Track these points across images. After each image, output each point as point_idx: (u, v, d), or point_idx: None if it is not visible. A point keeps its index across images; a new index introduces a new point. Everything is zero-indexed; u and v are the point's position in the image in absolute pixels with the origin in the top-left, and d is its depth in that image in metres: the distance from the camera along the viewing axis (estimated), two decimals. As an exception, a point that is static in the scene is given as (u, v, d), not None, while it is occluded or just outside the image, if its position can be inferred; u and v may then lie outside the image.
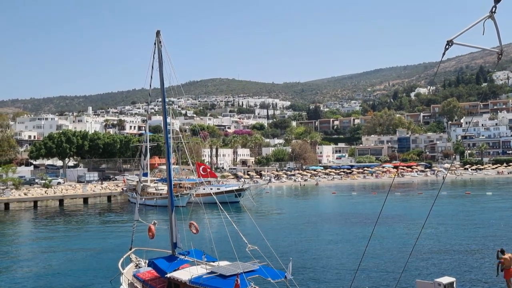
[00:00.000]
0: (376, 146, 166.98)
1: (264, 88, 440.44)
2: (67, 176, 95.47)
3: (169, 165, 23.61)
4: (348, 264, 28.51)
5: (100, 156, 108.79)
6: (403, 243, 34.93)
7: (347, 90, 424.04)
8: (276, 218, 54.63)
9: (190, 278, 17.25)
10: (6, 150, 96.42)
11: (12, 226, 54.96)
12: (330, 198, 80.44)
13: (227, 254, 23.02)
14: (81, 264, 31.68)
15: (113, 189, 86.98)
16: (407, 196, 77.99)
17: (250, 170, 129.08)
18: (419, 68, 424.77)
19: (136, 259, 24.16)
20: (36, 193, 78.28)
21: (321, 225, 47.69)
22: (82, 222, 55.66)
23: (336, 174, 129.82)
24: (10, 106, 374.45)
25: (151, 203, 66.47)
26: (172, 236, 22.15)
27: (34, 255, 35.89)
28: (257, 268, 17.65)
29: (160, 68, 21.93)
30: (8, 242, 44.58)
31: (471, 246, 34.23)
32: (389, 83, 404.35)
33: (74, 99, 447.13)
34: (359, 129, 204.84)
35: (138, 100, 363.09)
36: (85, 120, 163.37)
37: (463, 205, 63.77)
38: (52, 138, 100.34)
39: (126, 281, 21.22)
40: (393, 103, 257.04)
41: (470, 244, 35.06)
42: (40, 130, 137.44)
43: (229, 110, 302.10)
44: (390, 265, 28.43)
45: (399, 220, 48.69)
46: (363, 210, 57.97)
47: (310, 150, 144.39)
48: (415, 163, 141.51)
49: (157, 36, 21.85)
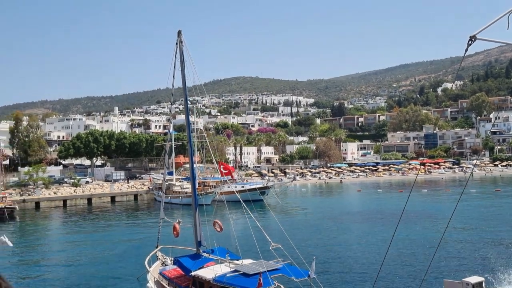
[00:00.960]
0: (402, 142, 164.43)
1: (287, 86, 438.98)
2: (94, 175, 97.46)
3: (192, 164, 23.90)
4: (372, 263, 28.28)
5: (126, 155, 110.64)
6: (429, 242, 34.42)
7: (372, 86, 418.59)
8: (300, 216, 54.56)
9: (214, 277, 17.46)
10: (36, 150, 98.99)
11: (43, 224, 56.54)
12: (355, 196, 79.75)
13: (251, 253, 23.16)
14: (108, 261, 32.37)
15: (139, 188, 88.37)
16: (434, 194, 76.68)
17: (274, 168, 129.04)
18: (446, 63, 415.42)
19: (162, 257, 24.57)
20: (65, 192, 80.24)
21: (345, 223, 47.39)
22: (109, 221, 56.79)
23: (361, 172, 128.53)
24: (40, 107, 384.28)
25: (176, 202, 67.22)
26: (197, 234, 22.43)
27: (63, 253, 36.88)
28: (281, 266, 17.72)
29: (181, 67, 22.19)
30: (39, 239, 45.92)
31: (500, 245, 33.48)
32: (415, 78, 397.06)
33: (101, 99, 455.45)
34: (384, 125, 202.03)
35: (163, 100, 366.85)
36: (112, 120, 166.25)
37: (493, 203, 62.30)
38: (80, 138, 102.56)
39: (152, 279, 21.61)
40: (419, 99, 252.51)
41: (499, 243, 34.29)
42: (69, 130, 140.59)
43: (252, 108, 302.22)
44: (416, 263, 28.08)
45: (425, 218, 47.97)
46: (389, 208, 57.29)
47: (335, 147, 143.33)
48: (442, 159, 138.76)
49: (178, 36, 22.11)
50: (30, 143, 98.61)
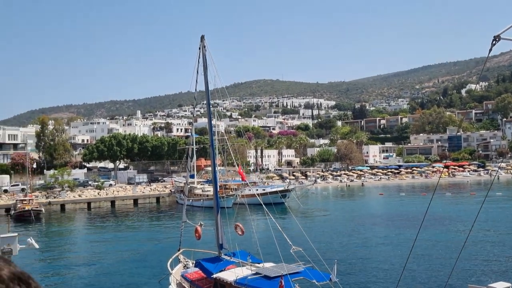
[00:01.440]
0: (425, 145, 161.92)
1: (308, 88, 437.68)
2: (118, 178, 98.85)
3: (214, 167, 24.08)
4: (394, 268, 27.97)
5: (148, 158, 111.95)
6: (452, 245, 33.84)
7: (394, 88, 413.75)
8: (321, 220, 54.29)
9: (236, 279, 17.56)
10: (61, 153, 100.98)
11: (68, 226, 57.68)
12: (377, 199, 78.90)
13: (272, 256, 23.19)
14: (131, 263, 32.82)
15: (161, 191, 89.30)
16: (458, 197, 75.29)
17: (295, 171, 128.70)
18: (470, 64, 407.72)
19: (184, 259, 24.80)
20: (89, 194, 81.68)
21: (367, 226, 46.95)
22: (132, 223, 57.56)
23: (383, 175, 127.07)
24: (65, 112, 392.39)
25: (198, 204, 67.68)
26: (218, 237, 22.58)
27: (87, 254, 37.55)
28: (302, 270, 17.71)
29: (204, 72, 22.40)
30: (64, 241, 46.86)
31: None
32: (438, 79, 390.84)
33: (123, 103, 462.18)
34: (407, 128, 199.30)
35: (185, 103, 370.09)
36: (134, 123, 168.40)
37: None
38: (103, 141, 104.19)
39: (174, 281, 21.85)
40: (442, 101, 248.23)
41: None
42: (93, 134, 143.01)
43: (273, 111, 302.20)
44: (439, 267, 27.65)
45: (449, 221, 47.17)
46: (412, 212, 56.49)
47: (356, 150, 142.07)
48: (467, 162, 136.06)
49: (201, 41, 22.34)
50: (55, 147, 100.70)
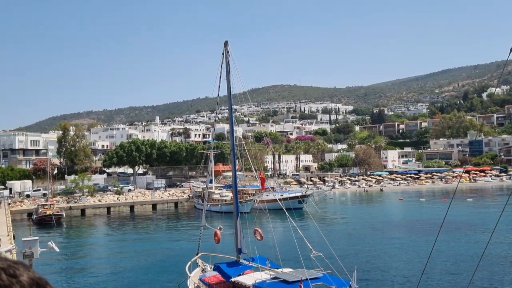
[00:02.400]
0: (446, 150, 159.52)
1: (326, 93, 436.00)
2: (137, 183, 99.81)
3: (234, 172, 24.13)
4: (414, 273, 27.56)
5: (167, 163, 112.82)
6: (472, 252, 33.21)
7: (413, 92, 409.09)
8: (340, 225, 53.87)
9: (254, 283, 17.52)
10: (82, 159, 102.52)
11: (88, 231, 58.41)
12: (397, 205, 77.96)
13: (291, 261, 23.10)
14: (150, 267, 33.05)
15: (179, 196, 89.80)
16: (480, 203, 73.92)
17: (313, 176, 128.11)
18: (491, 67, 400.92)
19: (202, 263, 24.88)
20: (109, 199, 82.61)
21: (387, 232, 46.41)
22: (151, 228, 57.99)
23: (403, 180, 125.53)
24: (85, 118, 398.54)
25: (216, 209, 67.84)
26: (237, 242, 22.60)
27: (107, 258, 37.95)
28: (321, 275, 17.59)
29: (227, 77, 22.47)
30: (84, 245, 47.47)
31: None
32: (458, 83, 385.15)
33: (142, 109, 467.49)
34: (426, 132, 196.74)
35: (202, 109, 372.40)
36: (153, 129, 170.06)
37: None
38: (123, 147, 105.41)
39: (193, 285, 21.93)
40: (463, 105, 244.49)
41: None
42: (112, 140, 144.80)
43: (291, 116, 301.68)
44: (458, 275, 27.16)
45: (470, 227, 46.34)
46: (432, 217, 55.62)
47: (375, 155, 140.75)
48: (488, 167, 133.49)
49: (225, 46, 22.39)
50: (76, 152, 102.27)
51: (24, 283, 1.06)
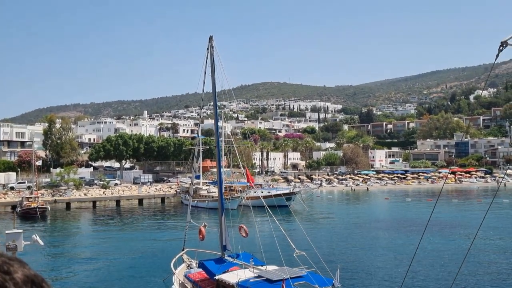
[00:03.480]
0: (432, 150, 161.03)
1: (315, 91, 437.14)
2: (123, 178, 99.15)
3: (219, 168, 24.07)
4: (397, 274, 27.80)
5: (154, 158, 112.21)
6: (456, 252, 33.60)
7: (402, 93, 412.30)
8: (326, 224, 54.12)
9: (238, 281, 17.53)
10: (68, 152, 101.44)
11: (73, 225, 57.93)
12: (383, 204, 78.57)
13: (275, 259, 23.13)
14: (135, 262, 32.89)
15: (166, 191, 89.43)
16: (465, 204, 74.81)
17: (300, 174, 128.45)
18: (478, 70, 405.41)
19: (188, 260, 24.82)
20: (95, 193, 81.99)
21: (372, 231, 46.75)
22: (137, 222, 57.70)
23: (389, 179, 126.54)
24: (72, 110, 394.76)
25: (203, 206, 67.71)
26: (222, 238, 22.58)
27: (91, 253, 37.68)
28: (305, 274, 17.64)
29: (212, 72, 22.39)
30: (69, 239, 47.07)
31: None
32: (446, 85, 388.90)
33: (131, 103, 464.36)
34: (414, 133, 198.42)
35: (191, 104, 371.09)
36: (141, 123, 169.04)
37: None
38: (110, 141, 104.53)
39: (177, 281, 21.88)
40: (450, 106, 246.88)
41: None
42: (99, 133, 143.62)
43: (280, 114, 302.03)
44: (442, 274, 27.46)
45: (454, 228, 46.87)
46: (417, 217, 56.18)
47: (362, 154, 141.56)
48: (474, 168, 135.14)
49: (209, 41, 22.29)
50: (62, 145, 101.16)
51: (17, 280, 1.03)
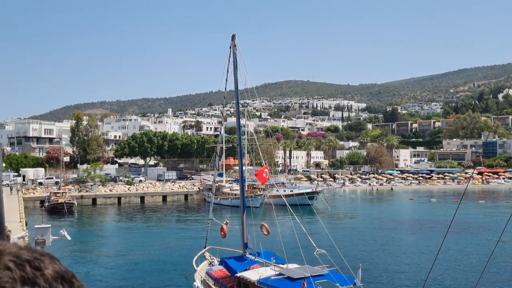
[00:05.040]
0: (459, 150, 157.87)
1: (339, 90, 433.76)
2: (147, 175, 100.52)
3: (241, 166, 24.25)
4: (420, 274, 27.49)
5: (178, 156, 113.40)
6: (480, 254, 32.95)
7: (427, 91, 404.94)
8: (348, 223, 53.81)
9: (259, 279, 17.67)
10: (94, 148, 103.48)
11: (99, 220, 59.14)
12: (407, 204, 77.57)
13: (296, 257, 23.19)
14: (159, 259, 33.42)
15: (189, 188, 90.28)
16: (492, 205, 73.23)
17: (323, 173, 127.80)
18: (507, 68, 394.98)
19: (210, 257, 25.09)
20: (120, 189, 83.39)
21: (395, 232, 46.26)
22: (161, 219, 58.50)
23: (414, 179, 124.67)
24: (99, 108, 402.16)
25: (226, 203, 68.16)
26: (244, 236, 22.76)
27: (116, 248, 38.45)
28: (326, 273, 17.65)
29: (234, 71, 22.52)
30: (94, 234, 48.10)
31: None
32: (474, 84, 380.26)
33: (155, 101, 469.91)
34: (439, 132, 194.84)
35: (215, 102, 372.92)
36: (165, 121, 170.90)
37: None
38: (135, 138, 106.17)
39: (199, 278, 22.17)
40: (478, 105, 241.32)
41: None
42: (125, 131, 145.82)
43: (303, 112, 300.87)
44: (465, 276, 27.04)
45: (480, 229, 46.01)
46: (442, 218, 55.21)
47: (386, 153, 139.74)
48: (502, 169, 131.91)
49: (232, 40, 22.44)
50: (89, 142, 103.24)
51: (48, 276, 1.04)
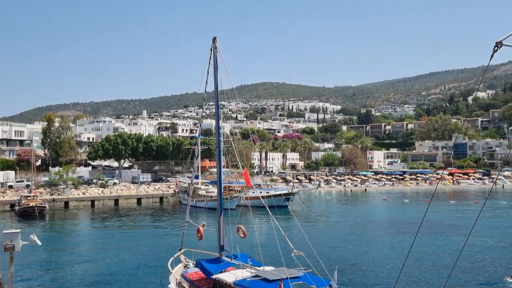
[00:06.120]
0: (430, 152, 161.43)
1: (314, 92, 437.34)
2: (122, 177, 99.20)
3: (220, 168, 24.14)
4: (395, 274, 27.92)
5: (153, 158, 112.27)
6: (451, 253, 33.72)
7: (400, 94, 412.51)
8: (324, 224, 54.24)
9: (235, 281, 17.61)
10: (67, 151, 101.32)
11: (71, 224, 57.93)
12: (381, 205, 78.72)
13: (273, 259, 23.22)
14: (133, 262, 32.96)
15: (165, 191, 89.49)
16: (462, 205, 74.98)
17: (299, 175, 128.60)
18: (477, 71, 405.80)
19: (185, 259, 24.91)
20: (93, 192, 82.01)
21: (370, 232, 46.88)
22: (135, 222, 57.73)
23: (388, 180, 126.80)
24: (71, 109, 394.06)
25: (202, 205, 67.79)
26: (220, 239, 22.66)
27: (89, 252, 37.72)
28: (302, 274, 17.70)
29: (215, 73, 22.46)
30: (67, 238, 47.11)
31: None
32: (445, 86, 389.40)
33: (130, 102, 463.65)
34: (412, 134, 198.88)
35: (191, 104, 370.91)
36: (140, 123, 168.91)
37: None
38: (109, 140, 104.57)
39: (174, 281, 21.96)
40: (449, 108, 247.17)
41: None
42: (98, 132, 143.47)
43: (279, 114, 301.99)
44: (436, 275, 27.61)
45: (450, 229, 47.04)
46: (415, 218, 56.30)
47: (361, 155, 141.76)
48: (472, 170, 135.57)
49: (213, 42, 22.33)
50: (61, 144, 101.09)
51: None
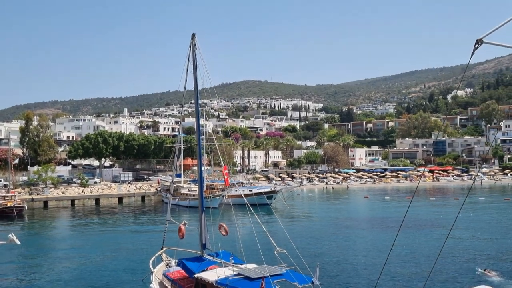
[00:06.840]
0: (411, 149, 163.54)
1: (296, 90, 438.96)
2: (103, 176, 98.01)
3: (200, 167, 23.98)
4: (376, 271, 28.17)
5: (134, 156, 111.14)
6: (432, 249, 34.19)
7: (381, 92, 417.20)
8: (306, 222, 54.48)
9: (217, 279, 17.52)
10: (46, 150, 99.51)
11: (51, 224, 56.97)
12: (363, 202, 79.42)
13: (255, 257, 23.18)
14: (114, 261, 32.58)
15: (147, 189, 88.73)
16: (442, 202, 76.16)
17: (281, 173, 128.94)
18: (456, 70, 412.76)
19: (167, 258, 24.68)
20: (73, 192, 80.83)
21: (351, 229, 47.23)
22: (116, 221, 57.10)
23: (369, 178, 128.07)
24: (50, 108, 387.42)
25: (184, 204, 67.36)
26: (202, 237, 22.52)
27: (69, 252, 37.16)
28: (284, 272, 17.70)
29: (194, 71, 22.24)
30: (46, 239, 46.33)
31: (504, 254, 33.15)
32: (425, 85, 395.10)
33: (110, 100, 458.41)
34: (393, 132, 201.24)
35: (172, 102, 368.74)
36: (121, 121, 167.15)
37: (500, 212, 61.81)
38: (89, 138, 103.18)
39: (156, 280, 21.75)
40: (428, 106, 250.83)
41: (503, 252, 33.95)
42: (78, 131, 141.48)
43: (261, 112, 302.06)
44: (418, 271, 27.94)
45: (431, 226, 47.71)
46: (396, 215, 56.96)
47: (343, 153, 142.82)
48: (451, 167, 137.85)
49: (192, 39, 22.10)
50: (40, 143, 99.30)
51: None
